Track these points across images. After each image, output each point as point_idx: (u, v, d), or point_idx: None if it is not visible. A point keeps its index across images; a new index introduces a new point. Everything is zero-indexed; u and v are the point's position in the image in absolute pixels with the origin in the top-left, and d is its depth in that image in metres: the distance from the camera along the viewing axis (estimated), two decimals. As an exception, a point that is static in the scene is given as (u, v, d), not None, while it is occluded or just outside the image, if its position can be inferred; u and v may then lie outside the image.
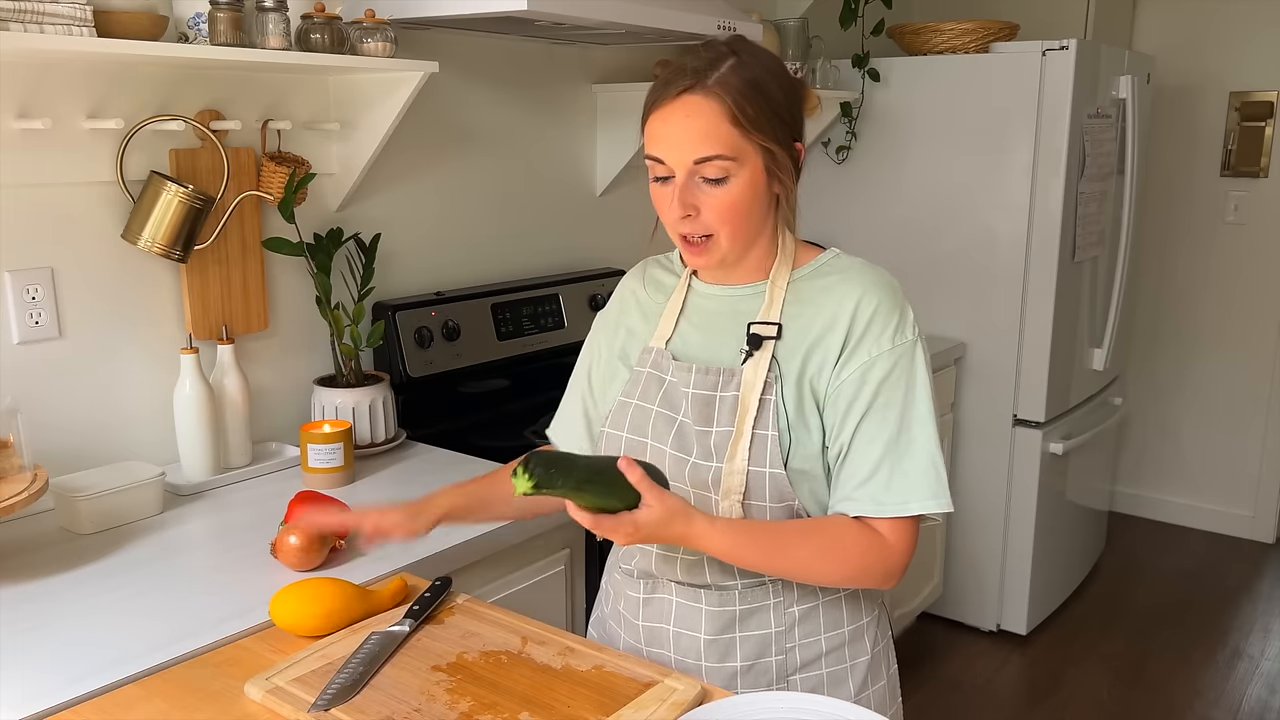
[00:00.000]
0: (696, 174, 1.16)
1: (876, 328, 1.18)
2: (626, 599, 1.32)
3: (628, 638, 1.32)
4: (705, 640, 1.25)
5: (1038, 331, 3.09)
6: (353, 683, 1.10)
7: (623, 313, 1.39)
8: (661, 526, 1.09)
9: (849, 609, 1.27)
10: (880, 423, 1.17)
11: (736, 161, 1.15)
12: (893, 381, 1.17)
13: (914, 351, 1.19)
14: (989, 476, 3.24)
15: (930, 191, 3.21)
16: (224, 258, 1.89)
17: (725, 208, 1.17)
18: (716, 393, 1.21)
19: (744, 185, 1.17)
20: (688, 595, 1.25)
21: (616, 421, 1.29)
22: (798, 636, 1.24)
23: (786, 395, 1.19)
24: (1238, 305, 4.05)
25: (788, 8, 3.24)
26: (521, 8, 1.77)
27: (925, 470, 1.16)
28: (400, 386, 2.13)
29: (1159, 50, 3.98)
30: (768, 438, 1.17)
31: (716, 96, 1.14)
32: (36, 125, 1.59)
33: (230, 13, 1.65)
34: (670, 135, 1.17)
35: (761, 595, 1.24)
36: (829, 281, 1.23)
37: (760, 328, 1.21)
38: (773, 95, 1.17)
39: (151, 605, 1.36)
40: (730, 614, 1.24)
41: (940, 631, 3.35)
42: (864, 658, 1.28)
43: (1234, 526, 4.17)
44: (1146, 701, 2.97)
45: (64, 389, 1.73)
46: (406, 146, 2.21)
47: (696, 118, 1.15)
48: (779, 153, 1.18)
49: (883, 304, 1.19)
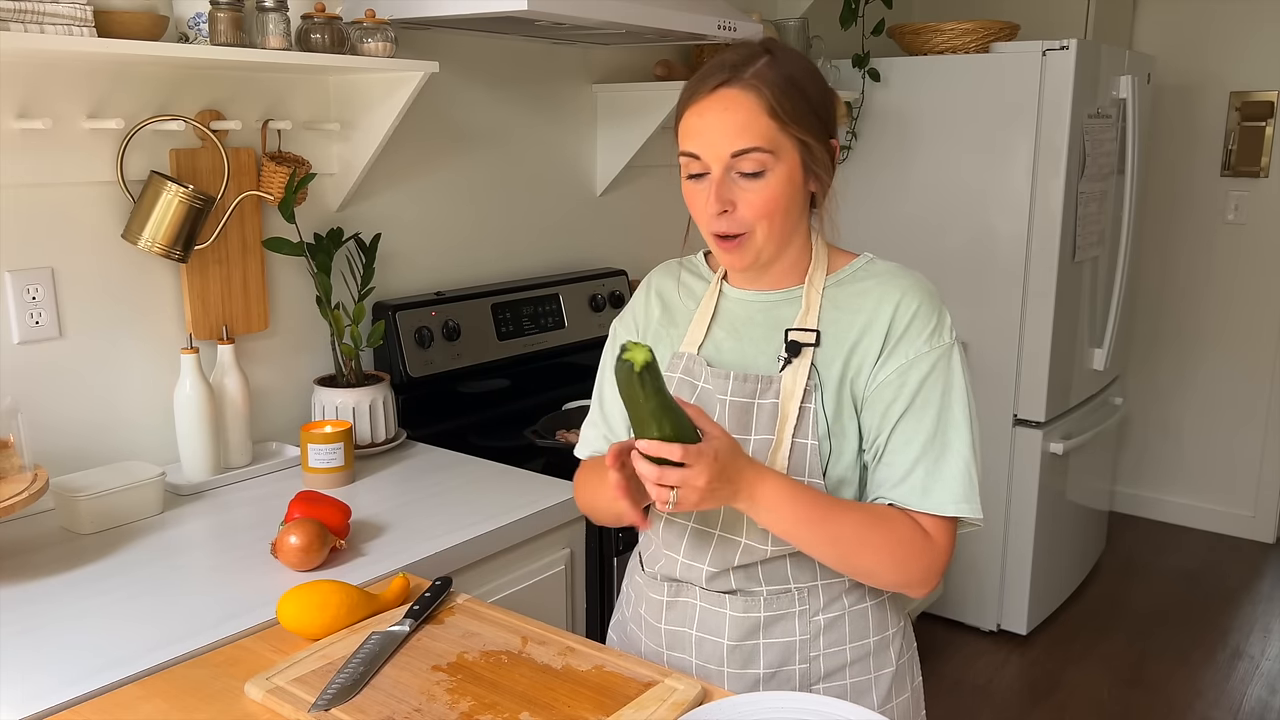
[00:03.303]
0: (733, 168, 1.15)
1: (915, 329, 1.17)
2: (649, 602, 1.31)
3: (649, 641, 1.30)
4: (729, 646, 1.23)
5: (1038, 331, 3.09)
6: (353, 683, 1.10)
7: (646, 315, 1.35)
8: (734, 456, 1.07)
9: (875, 619, 1.26)
10: (917, 424, 1.16)
11: (774, 155, 1.14)
12: (931, 383, 1.16)
13: (951, 354, 1.18)
14: (989, 476, 3.24)
15: (931, 191, 3.21)
16: (224, 258, 1.89)
17: (763, 203, 1.15)
18: (755, 400, 1.19)
19: (781, 180, 1.15)
20: (712, 600, 1.24)
21: None
22: (822, 645, 1.23)
23: (826, 402, 1.17)
24: (1238, 305, 4.05)
25: (788, 8, 3.24)
26: (521, 8, 1.77)
27: (959, 475, 1.15)
28: (400, 386, 2.13)
29: (1159, 50, 3.98)
30: (807, 446, 1.16)
31: (754, 89, 1.13)
32: (37, 125, 1.59)
33: (230, 13, 1.65)
34: (707, 129, 1.15)
35: (787, 602, 1.22)
36: (866, 286, 1.22)
37: (799, 334, 1.19)
38: (808, 91, 1.16)
39: (151, 605, 1.36)
40: (755, 620, 1.22)
41: (940, 631, 3.35)
42: (889, 669, 1.27)
43: (1234, 526, 4.17)
44: (1146, 701, 2.97)
45: (64, 389, 1.73)
46: (407, 146, 2.21)
47: (734, 110, 1.13)
48: (816, 147, 1.17)
49: (923, 306, 1.18)
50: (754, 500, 1.09)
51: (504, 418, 2.30)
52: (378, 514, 1.68)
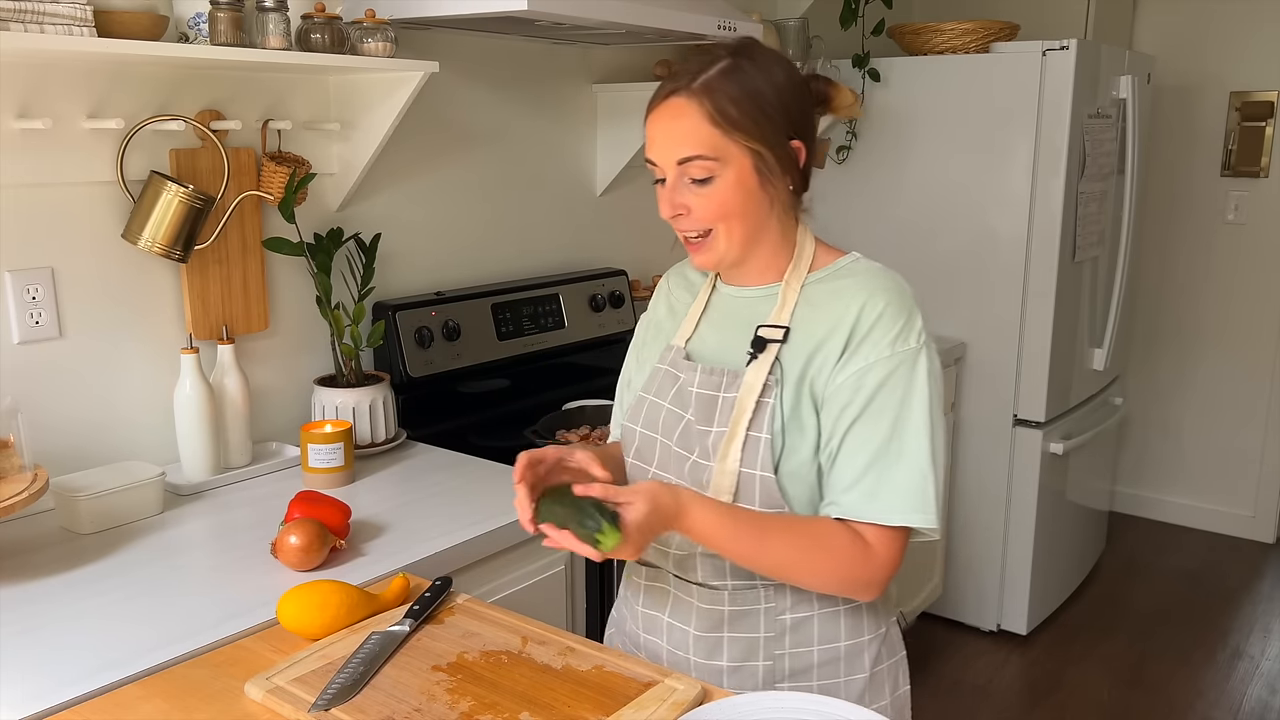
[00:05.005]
0: (683, 174, 1.19)
1: (879, 332, 1.17)
2: (630, 583, 1.36)
3: (631, 623, 1.35)
4: (694, 635, 1.26)
5: (1038, 331, 3.09)
6: (353, 683, 1.10)
7: (654, 309, 1.43)
8: (652, 513, 1.08)
9: (848, 624, 1.25)
10: (872, 429, 1.15)
11: (719, 161, 1.17)
12: (889, 388, 1.15)
13: (916, 360, 1.17)
14: (989, 476, 3.24)
15: (931, 192, 3.21)
16: (224, 258, 1.89)
17: (715, 207, 1.19)
18: (720, 393, 1.21)
19: (729, 185, 1.18)
20: (682, 589, 1.27)
21: (633, 416, 1.32)
22: (788, 644, 1.24)
23: (785, 397, 1.19)
24: (1238, 305, 4.05)
25: (788, 8, 3.24)
26: (521, 8, 1.77)
27: (912, 484, 1.14)
28: (400, 386, 2.13)
29: (1159, 50, 3.98)
30: (761, 440, 1.18)
31: (697, 98, 1.16)
32: (37, 125, 1.59)
33: (230, 13, 1.65)
34: (658, 137, 1.20)
35: (752, 599, 1.24)
36: (842, 285, 1.22)
37: (767, 330, 1.22)
38: (764, 96, 1.17)
39: (151, 605, 1.35)
40: (719, 613, 1.25)
41: (940, 631, 3.35)
42: (861, 675, 1.26)
43: (1234, 526, 4.17)
44: (1146, 701, 2.97)
45: (64, 389, 1.73)
46: (407, 146, 2.21)
47: (679, 119, 1.18)
48: (766, 154, 1.18)
49: (889, 308, 1.18)
50: (685, 533, 1.13)
51: (504, 418, 2.30)
52: (378, 514, 1.68)
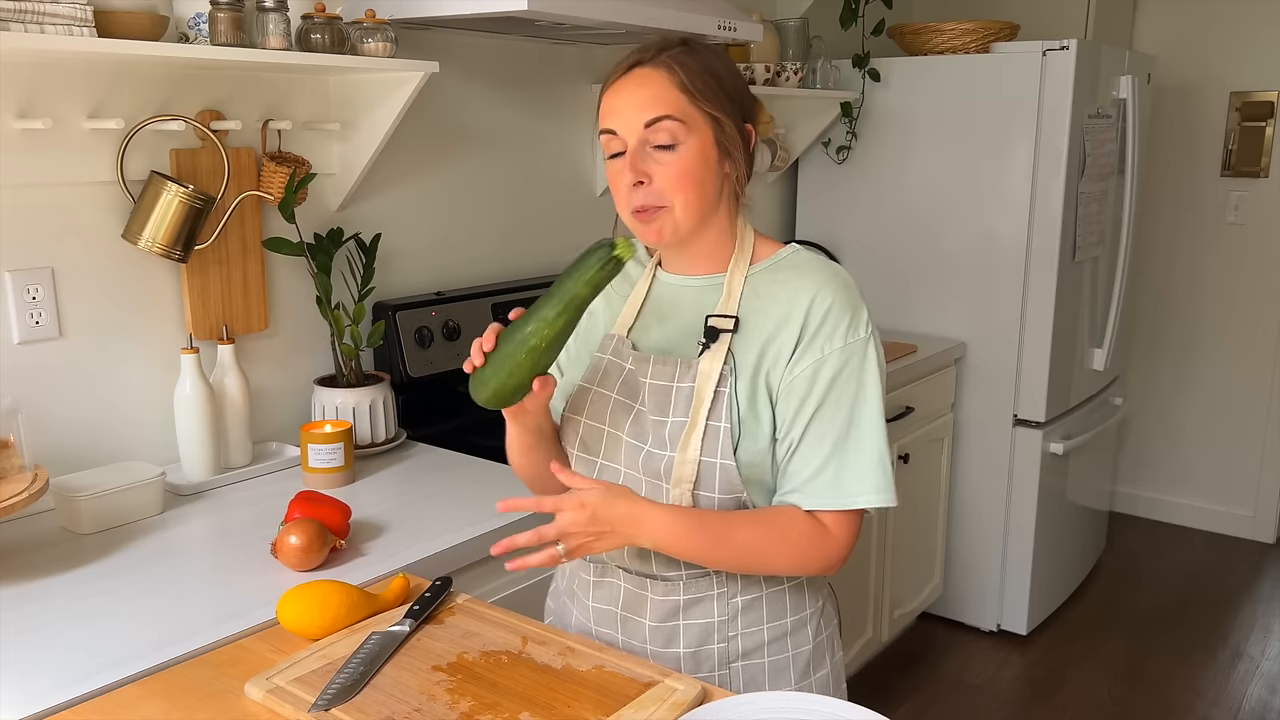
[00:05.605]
0: (647, 140, 1.19)
1: (830, 325, 1.20)
2: (579, 579, 1.36)
3: (579, 616, 1.35)
4: (650, 626, 1.28)
5: (1038, 331, 3.09)
6: (353, 683, 1.10)
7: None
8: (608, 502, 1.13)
9: (792, 600, 1.29)
10: (831, 419, 1.19)
11: (685, 126, 1.18)
12: (844, 379, 1.20)
13: (865, 349, 1.21)
14: (989, 476, 3.24)
15: (931, 192, 3.21)
16: (224, 258, 1.89)
17: (677, 175, 1.19)
18: (673, 383, 1.23)
19: (694, 152, 1.19)
20: (634, 582, 1.29)
21: (576, 406, 1.33)
22: (740, 626, 1.27)
23: (740, 388, 1.21)
24: (1238, 305, 4.05)
25: (788, 8, 3.24)
26: (521, 8, 1.77)
27: (872, 466, 1.19)
28: (401, 386, 2.13)
29: (1159, 50, 3.98)
30: (720, 429, 1.19)
31: (666, 66, 1.20)
32: (37, 125, 1.59)
33: (230, 13, 1.65)
34: (621, 106, 1.21)
35: (705, 586, 1.26)
36: (784, 276, 1.25)
37: (718, 320, 1.23)
38: (721, 76, 1.21)
39: (151, 605, 1.36)
40: (675, 603, 1.27)
41: (940, 631, 3.35)
42: (806, 647, 1.31)
43: (1234, 526, 4.17)
44: (1146, 701, 2.97)
45: (64, 389, 1.73)
46: (407, 146, 2.21)
47: (646, 85, 1.20)
48: (728, 124, 1.21)
49: (837, 301, 1.21)
50: (640, 538, 1.15)
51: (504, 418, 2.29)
52: (378, 514, 1.68)
